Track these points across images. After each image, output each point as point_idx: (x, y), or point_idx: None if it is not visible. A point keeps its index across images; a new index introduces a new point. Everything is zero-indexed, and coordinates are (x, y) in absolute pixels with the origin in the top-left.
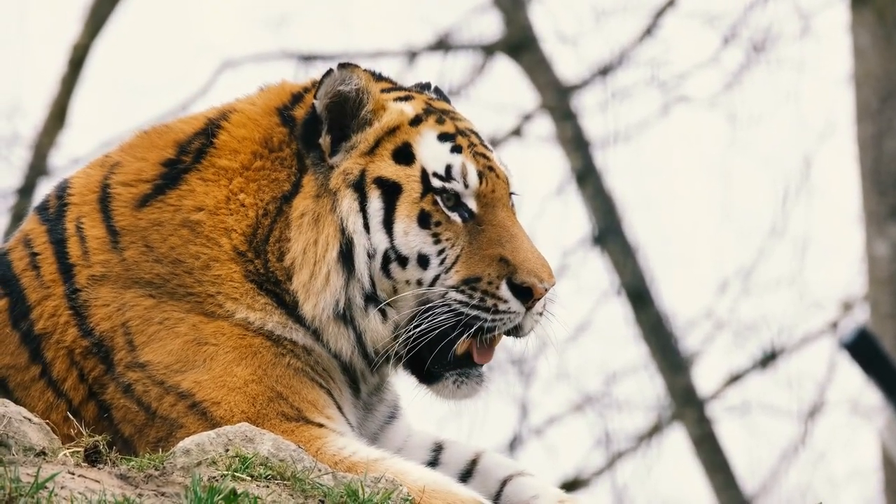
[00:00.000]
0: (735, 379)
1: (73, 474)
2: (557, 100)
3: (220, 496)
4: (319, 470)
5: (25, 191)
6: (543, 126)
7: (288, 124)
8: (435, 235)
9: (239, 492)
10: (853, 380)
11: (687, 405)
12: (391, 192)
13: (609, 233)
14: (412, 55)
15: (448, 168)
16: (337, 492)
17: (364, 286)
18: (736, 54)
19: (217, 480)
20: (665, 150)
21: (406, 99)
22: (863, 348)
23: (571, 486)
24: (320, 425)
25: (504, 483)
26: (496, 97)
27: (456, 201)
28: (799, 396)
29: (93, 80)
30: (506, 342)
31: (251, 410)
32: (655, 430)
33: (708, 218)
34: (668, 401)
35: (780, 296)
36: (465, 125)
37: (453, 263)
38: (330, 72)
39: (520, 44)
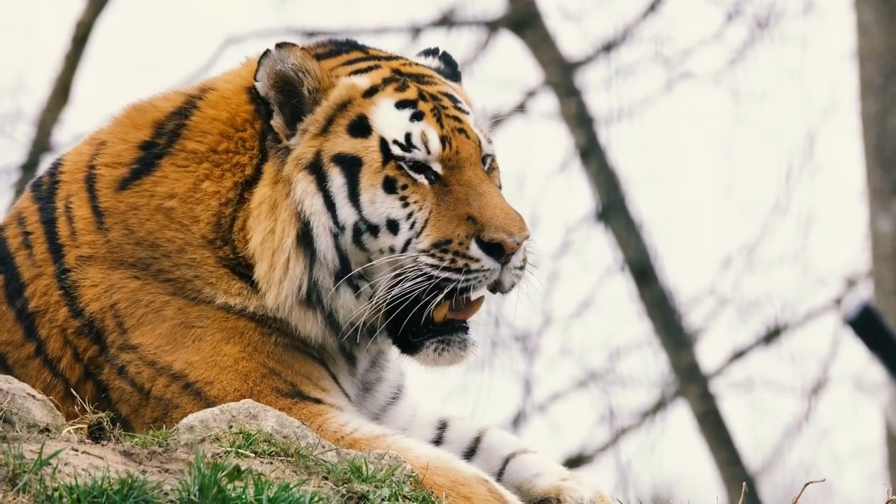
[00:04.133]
0: (739, 355)
1: (76, 451)
2: (561, 76)
3: (224, 473)
4: (323, 446)
5: (29, 167)
6: (547, 102)
7: (254, 102)
8: (403, 199)
9: (242, 468)
10: (857, 356)
11: (690, 381)
12: (352, 165)
13: (613, 209)
14: (416, 31)
15: (408, 136)
16: (341, 468)
17: (329, 265)
18: (740, 31)
19: (221, 457)
20: (669, 127)
21: (368, 70)
22: (866, 324)
23: (575, 462)
24: (318, 401)
25: (507, 460)
26: (500, 74)
27: (421, 167)
28: (802, 373)
29: (97, 57)
30: (490, 299)
31: (244, 388)
32: (659, 406)
33: (712, 194)
34: (672, 377)
35: (784, 272)
36: (436, 89)
37: (423, 227)
38: (267, 52)
39: (524, 20)
